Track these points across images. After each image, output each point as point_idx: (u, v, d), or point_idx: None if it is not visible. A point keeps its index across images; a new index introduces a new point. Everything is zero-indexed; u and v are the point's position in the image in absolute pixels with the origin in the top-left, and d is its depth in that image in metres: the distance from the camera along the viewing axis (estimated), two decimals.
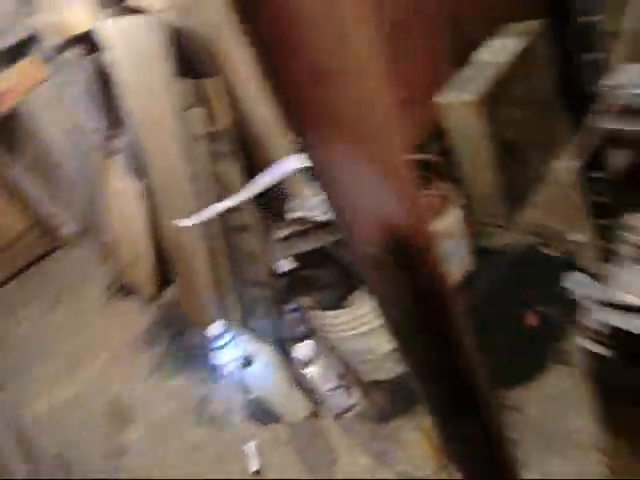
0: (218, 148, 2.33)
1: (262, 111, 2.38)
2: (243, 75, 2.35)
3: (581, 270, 2.18)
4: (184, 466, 2.41)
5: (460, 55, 2.48)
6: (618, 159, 2.39)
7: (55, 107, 3.15)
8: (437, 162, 2.42)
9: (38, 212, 4.13)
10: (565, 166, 2.64)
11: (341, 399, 2.13)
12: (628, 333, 0.55)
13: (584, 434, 1.68)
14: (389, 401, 2.15)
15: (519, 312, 2.01)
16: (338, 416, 2.16)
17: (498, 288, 2.13)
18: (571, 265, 2.25)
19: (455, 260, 2.35)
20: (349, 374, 2.20)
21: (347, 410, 2.13)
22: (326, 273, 2.00)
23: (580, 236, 2.37)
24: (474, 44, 2.47)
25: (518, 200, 2.53)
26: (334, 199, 0.58)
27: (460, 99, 2.26)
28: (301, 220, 2.04)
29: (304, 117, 0.54)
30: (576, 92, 2.06)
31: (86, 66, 2.53)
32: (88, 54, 2.51)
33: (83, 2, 2.43)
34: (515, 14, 2.51)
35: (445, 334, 0.57)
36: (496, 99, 2.28)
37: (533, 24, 2.38)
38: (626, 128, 1.94)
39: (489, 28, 2.50)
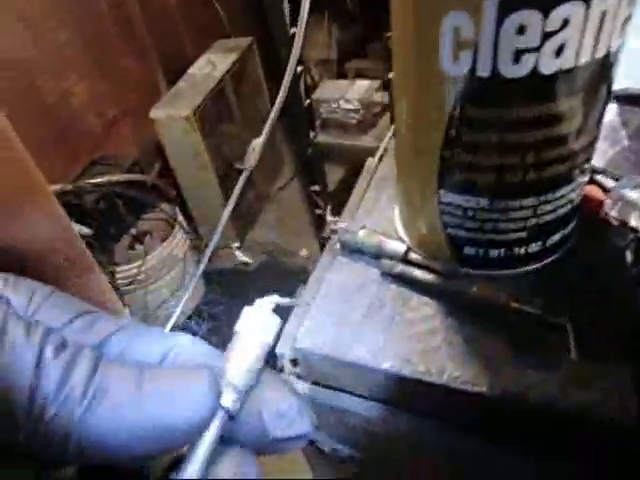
0: None
1: None
2: None
3: None
4: None
5: (174, 70, 2.30)
6: (333, 172, 2.45)
7: None
8: (157, 183, 2.16)
9: None
10: (287, 183, 2.63)
11: None
12: None
13: None
14: None
15: None
16: None
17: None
18: (302, 280, 2.21)
19: (186, 286, 2.11)
20: None
21: None
22: None
23: (306, 250, 2.35)
24: (188, 59, 2.32)
25: (247, 220, 2.41)
26: None
27: (172, 114, 2.04)
28: None
29: None
30: (291, 108, 2.02)
31: None
32: None
33: None
34: (226, 31, 2.43)
35: None
36: (210, 114, 2.13)
37: (243, 40, 2.31)
38: (334, 141, 1.96)
39: (202, 44, 2.37)
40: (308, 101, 1.85)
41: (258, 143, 0.84)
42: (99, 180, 1.86)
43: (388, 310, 0.39)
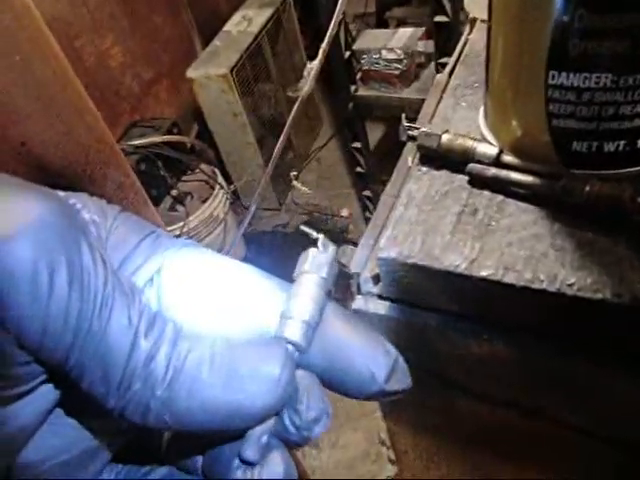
0: None
1: None
2: None
3: (354, 243, 2.10)
4: None
5: (209, 27, 2.25)
6: (374, 129, 2.37)
7: None
8: (195, 144, 2.14)
9: None
10: (327, 142, 2.56)
11: None
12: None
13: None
14: None
15: None
16: None
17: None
18: (344, 239, 2.18)
19: (226, 247, 2.10)
20: None
21: None
22: None
23: (347, 210, 2.30)
24: (223, 15, 2.27)
25: (286, 181, 2.37)
26: None
27: (209, 73, 1.99)
28: None
29: None
30: (330, 61, 1.95)
31: None
32: None
33: None
34: None
35: None
36: (247, 72, 2.07)
37: None
38: (375, 94, 1.87)
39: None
40: (348, 53, 1.77)
41: (314, 65, 0.78)
42: (139, 142, 1.84)
43: (481, 217, 0.34)
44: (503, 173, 0.35)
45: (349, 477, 1.58)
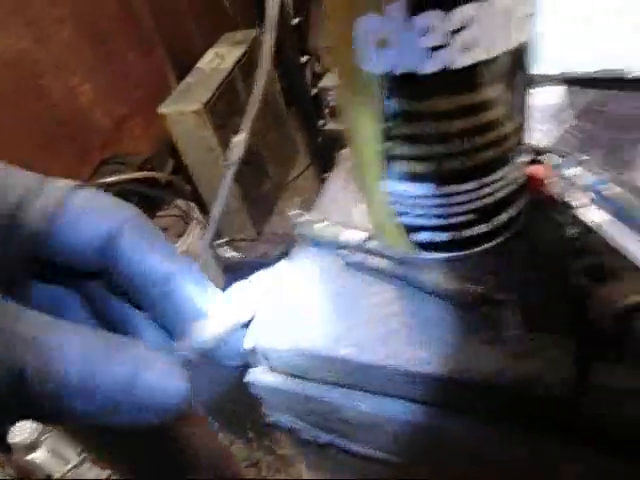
0: None
1: None
2: None
3: None
4: None
5: (183, 65, 2.32)
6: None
7: None
8: (171, 179, 2.20)
9: None
10: (303, 171, 2.64)
11: None
12: None
13: None
14: None
15: None
16: None
17: None
18: None
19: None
20: None
21: None
22: None
23: None
24: (196, 53, 2.34)
25: (264, 210, 2.43)
26: None
27: (182, 109, 2.07)
28: None
29: None
30: (301, 97, 2.02)
31: None
32: None
33: None
34: (233, 23, 2.44)
35: None
36: (220, 107, 2.15)
37: (251, 32, 2.32)
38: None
39: (210, 37, 2.39)
40: (315, 90, 1.85)
41: (240, 140, 0.85)
42: (111, 179, 1.89)
43: (350, 298, 0.40)
44: (366, 258, 0.41)
45: None
